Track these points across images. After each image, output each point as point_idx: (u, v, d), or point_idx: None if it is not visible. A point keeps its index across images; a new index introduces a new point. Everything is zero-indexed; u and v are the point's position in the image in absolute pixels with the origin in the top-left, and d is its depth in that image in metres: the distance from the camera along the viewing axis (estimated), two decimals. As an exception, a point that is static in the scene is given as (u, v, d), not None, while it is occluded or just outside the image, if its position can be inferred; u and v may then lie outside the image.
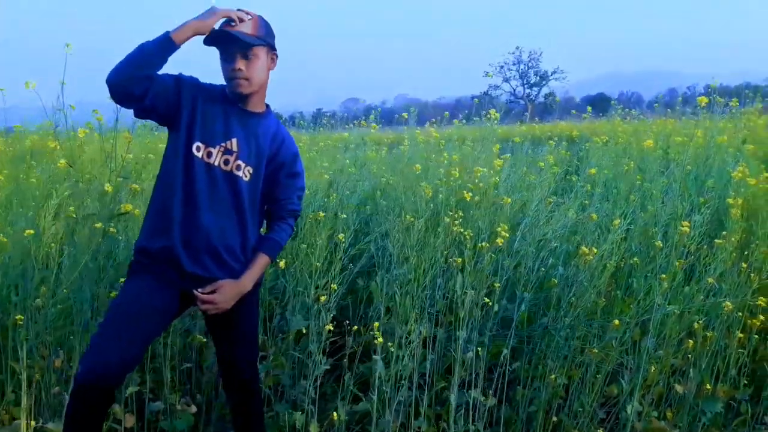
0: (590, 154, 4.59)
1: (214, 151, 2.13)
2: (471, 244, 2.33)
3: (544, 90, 46.86)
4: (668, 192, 3.37)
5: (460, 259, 2.44)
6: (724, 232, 2.76)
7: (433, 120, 6.60)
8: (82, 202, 2.38)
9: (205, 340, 2.81)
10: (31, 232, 2.25)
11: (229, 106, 2.19)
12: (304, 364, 2.95)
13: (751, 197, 3.21)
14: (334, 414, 2.27)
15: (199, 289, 2.13)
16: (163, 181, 2.17)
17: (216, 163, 2.14)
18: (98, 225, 2.29)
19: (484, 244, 2.32)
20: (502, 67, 47.11)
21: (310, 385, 2.34)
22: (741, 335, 2.61)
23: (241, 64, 2.10)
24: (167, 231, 2.11)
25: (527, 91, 46.73)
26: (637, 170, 3.90)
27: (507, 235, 2.33)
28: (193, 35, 2.06)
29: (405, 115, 5.44)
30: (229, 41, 2.08)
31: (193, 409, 2.73)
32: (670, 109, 8.63)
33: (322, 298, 2.29)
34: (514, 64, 47.41)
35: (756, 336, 2.67)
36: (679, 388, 2.63)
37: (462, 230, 2.35)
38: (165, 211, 2.13)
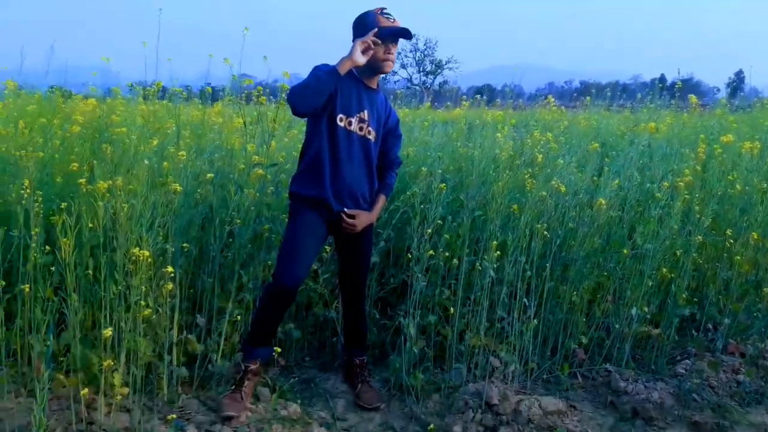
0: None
1: (353, 120, 2.82)
2: (535, 195, 3.21)
3: (439, 78, 48.84)
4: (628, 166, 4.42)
5: (517, 206, 3.30)
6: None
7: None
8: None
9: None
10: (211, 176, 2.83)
11: (357, 84, 2.88)
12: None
13: (693, 172, 4.29)
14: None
15: (346, 209, 2.84)
16: (313, 144, 2.83)
17: (354, 130, 2.83)
18: (260, 171, 2.90)
19: (544, 193, 3.20)
20: (399, 53, 48.27)
21: (409, 298, 3.11)
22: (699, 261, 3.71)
23: (394, 50, 2.82)
24: (320, 183, 2.81)
25: (423, 78, 48.45)
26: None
27: (564, 188, 3.23)
28: (351, 67, 2.70)
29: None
30: (403, 34, 2.77)
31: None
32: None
33: (428, 231, 3.06)
34: (411, 51, 48.93)
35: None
36: (645, 309, 3.65)
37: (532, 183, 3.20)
38: (316, 168, 2.82)
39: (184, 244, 2.90)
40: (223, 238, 3.19)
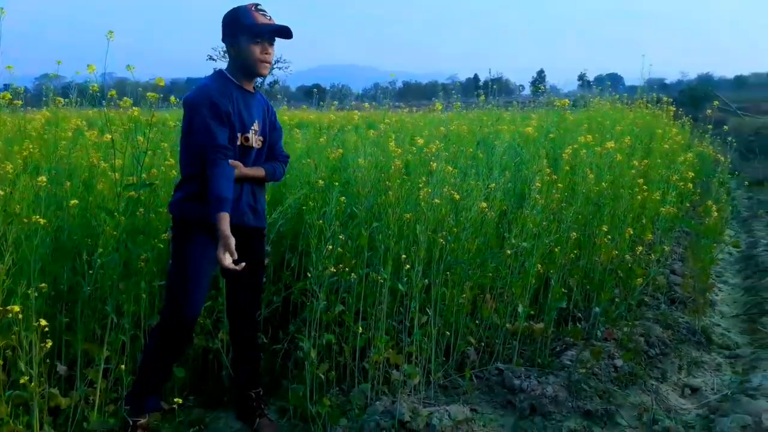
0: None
1: (250, 135, 2.60)
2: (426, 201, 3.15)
3: (269, 78, 47.86)
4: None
5: (410, 215, 3.24)
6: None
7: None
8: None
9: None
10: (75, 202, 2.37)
11: (242, 94, 2.62)
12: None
13: (552, 172, 4.55)
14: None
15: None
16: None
17: (252, 144, 2.63)
18: (133, 194, 2.49)
19: (437, 200, 3.16)
20: (226, 52, 46.54)
21: (305, 317, 2.93)
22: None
23: (272, 51, 2.59)
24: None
25: (253, 77, 47.05)
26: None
27: (458, 196, 3.22)
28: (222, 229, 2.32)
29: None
30: (283, 32, 2.54)
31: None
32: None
33: (329, 248, 2.87)
34: (239, 50, 47.15)
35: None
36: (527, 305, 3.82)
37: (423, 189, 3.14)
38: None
39: (42, 284, 2.41)
40: (83, 271, 2.72)
